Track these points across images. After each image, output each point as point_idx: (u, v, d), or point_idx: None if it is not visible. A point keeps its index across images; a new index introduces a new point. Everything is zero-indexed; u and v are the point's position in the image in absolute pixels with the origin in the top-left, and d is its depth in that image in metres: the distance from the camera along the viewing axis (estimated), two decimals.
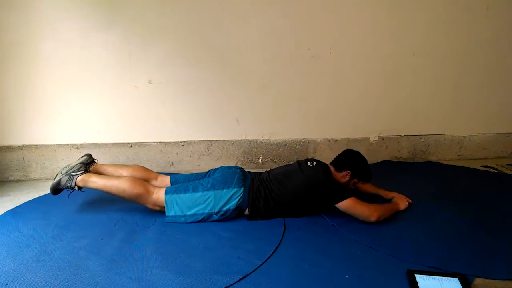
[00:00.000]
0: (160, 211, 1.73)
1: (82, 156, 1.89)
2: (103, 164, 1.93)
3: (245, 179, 1.78)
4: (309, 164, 1.82)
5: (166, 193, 1.70)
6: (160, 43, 2.26)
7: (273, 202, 1.73)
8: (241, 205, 1.72)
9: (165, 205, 1.69)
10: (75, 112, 2.30)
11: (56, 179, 1.72)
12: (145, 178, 1.88)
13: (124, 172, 1.88)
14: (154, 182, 1.90)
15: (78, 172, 1.73)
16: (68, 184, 1.70)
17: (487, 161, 2.76)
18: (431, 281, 1.27)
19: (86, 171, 1.76)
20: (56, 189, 1.73)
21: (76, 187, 1.71)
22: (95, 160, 1.93)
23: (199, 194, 1.70)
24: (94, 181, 1.71)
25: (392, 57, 2.51)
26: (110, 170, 1.90)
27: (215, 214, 1.70)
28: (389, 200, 1.93)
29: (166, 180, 1.92)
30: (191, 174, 1.94)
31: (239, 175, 1.78)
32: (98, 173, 1.88)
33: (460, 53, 2.57)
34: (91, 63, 2.23)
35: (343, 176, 1.83)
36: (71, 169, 1.74)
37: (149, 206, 1.72)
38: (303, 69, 2.44)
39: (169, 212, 1.70)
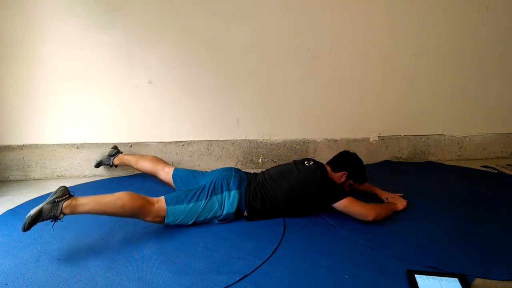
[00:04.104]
0: (160, 222, 1.64)
1: (110, 148, 2.26)
2: (125, 154, 2.25)
3: (241, 180, 1.77)
4: (306, 163, 1.82)
5: (167, 204, 1.62)
6: (160, 43, 2.26)
7: (269, 203, 1.73)
8: (240, 207, 1.72)
9: (166, 216, 1.61)
10: (75, 112, 2.29)
11: (37, 209, 1.39)
12: (153, 170, 2.07)
13: (142, 162, 2.12)
14: (160, 174, 2.03)
15: (63, 197, 1.43)
16: (52, 214, 1.39)
17: (487, 161, 2.77)
18: (430, 281, 1.27)
19: (71, 195, 1.46)
20: (34, 222, 1.37)
21: (61, 216, 1.41)
22: (120, 151, 2.27)
23: (202, 202, 1.67)
24: (84, 204, 1.44)
25: (392, 57, 2.51)
26: (131, 159, 2.17)
27: (216, 218, 1.70)
28: (383, 200, 1.94)
29: (170, 174, 1.98)
30: (193, 171, 1.98)
31: (235, 177, 1.77)
32: (122, 162, 2.18)
33: (460, 53, 2.57)
34: (91, 63, 2.22)
35: (339, 177, 1.83)
36: (54, 194, 1.44)
37: (149, 218, 1.59)
38: (303, 69, 2.44)
39: (172, 223, 1.63)
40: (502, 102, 2.74)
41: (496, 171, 2.53)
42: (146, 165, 2.10)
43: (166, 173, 2.01)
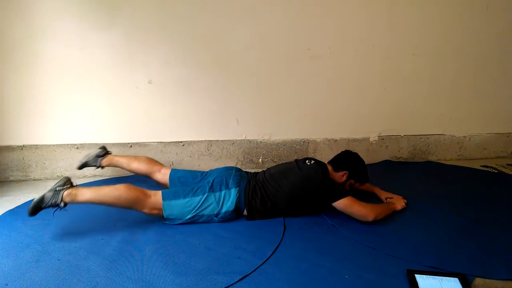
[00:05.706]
0: (158, 215, 1.67)
1: (98, 149, 2.07)
2: (116, 155, 2.07)
3: (241, 179, 1.78)
4: (307, 163, 1.82)
5: (163, 199, 1.64)
6: (160, 43, 2.26)
7: (270, 202, 1.73)
8: (239, 205, 1.72)
9: (163, 211, 1.65)
10: (75, 112, 2.30)
11: (40, 196, 1.49)
12: (149, 171, 1.97)
13: (135, 164, 1.99)
14: (157, 175, 1.96)
15: (64, 187, 1.53)
16: (53, 201, 1.48)
17: (487, 161, 2.76)
18: (431, 281, 1.27)
19: (72, 185, 1.57)
20: (36, 208, 1.48)
21: (62, 204, 1.50)
22: (109, 152, 2.07)
23: (198, 198, 1.68)
24: (83, 194, 1.53)
25: (392, 57, 2.51)
26: (122, 161, 2.03)
27: (215, 216, 1.70)
28: (382, 200, 1.94)
29: (167, 175, 1.94)
30: (191, 171, 1.96)
31: (235, 175, 1.77)
32: (112, 164, 2.03)
33: (460, 53, 2.57)
34: (91, 63, 2.22)
35: (340, 176, 1.83)
36: (56, 183, 1.55)
37: (147, 211, 1.63)
38: (303, 69, 2.44)
39: (169, 217, 1.66)
40: (502, 102, 2.74)
41: (496, 171, 2.53)
42: (140, 167, 1.99)
43: (163, 174, 1.95)
